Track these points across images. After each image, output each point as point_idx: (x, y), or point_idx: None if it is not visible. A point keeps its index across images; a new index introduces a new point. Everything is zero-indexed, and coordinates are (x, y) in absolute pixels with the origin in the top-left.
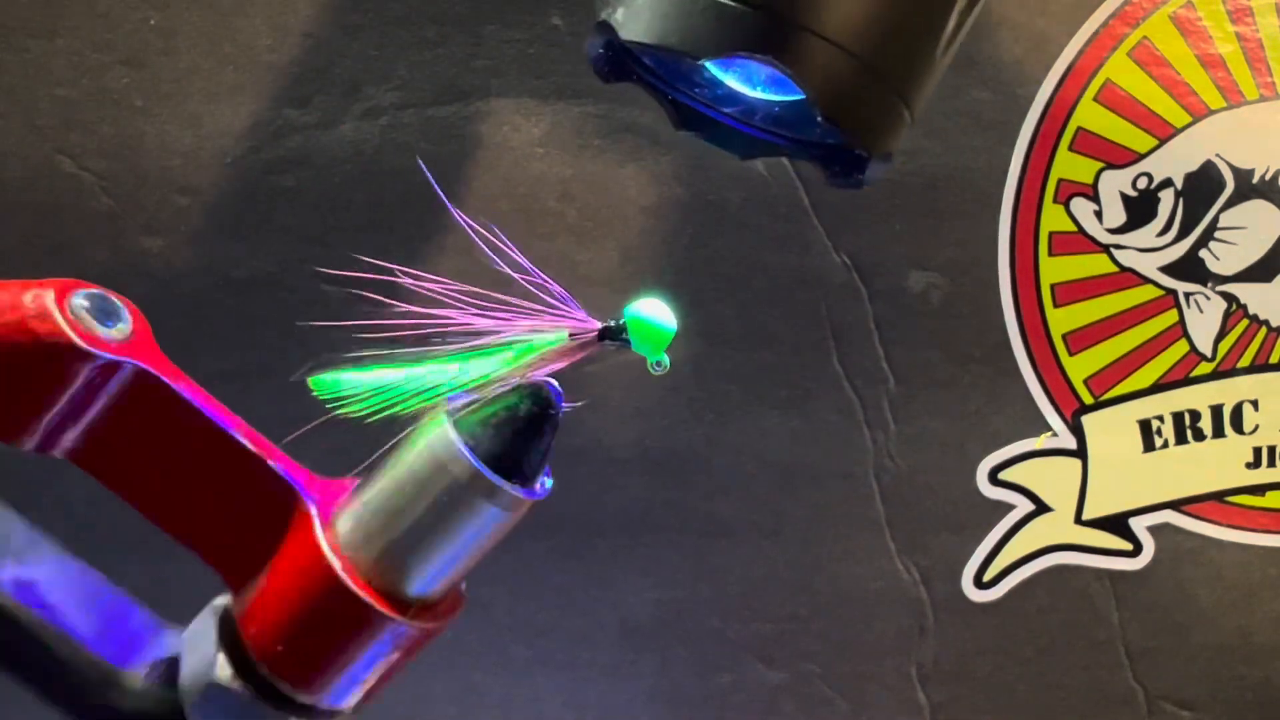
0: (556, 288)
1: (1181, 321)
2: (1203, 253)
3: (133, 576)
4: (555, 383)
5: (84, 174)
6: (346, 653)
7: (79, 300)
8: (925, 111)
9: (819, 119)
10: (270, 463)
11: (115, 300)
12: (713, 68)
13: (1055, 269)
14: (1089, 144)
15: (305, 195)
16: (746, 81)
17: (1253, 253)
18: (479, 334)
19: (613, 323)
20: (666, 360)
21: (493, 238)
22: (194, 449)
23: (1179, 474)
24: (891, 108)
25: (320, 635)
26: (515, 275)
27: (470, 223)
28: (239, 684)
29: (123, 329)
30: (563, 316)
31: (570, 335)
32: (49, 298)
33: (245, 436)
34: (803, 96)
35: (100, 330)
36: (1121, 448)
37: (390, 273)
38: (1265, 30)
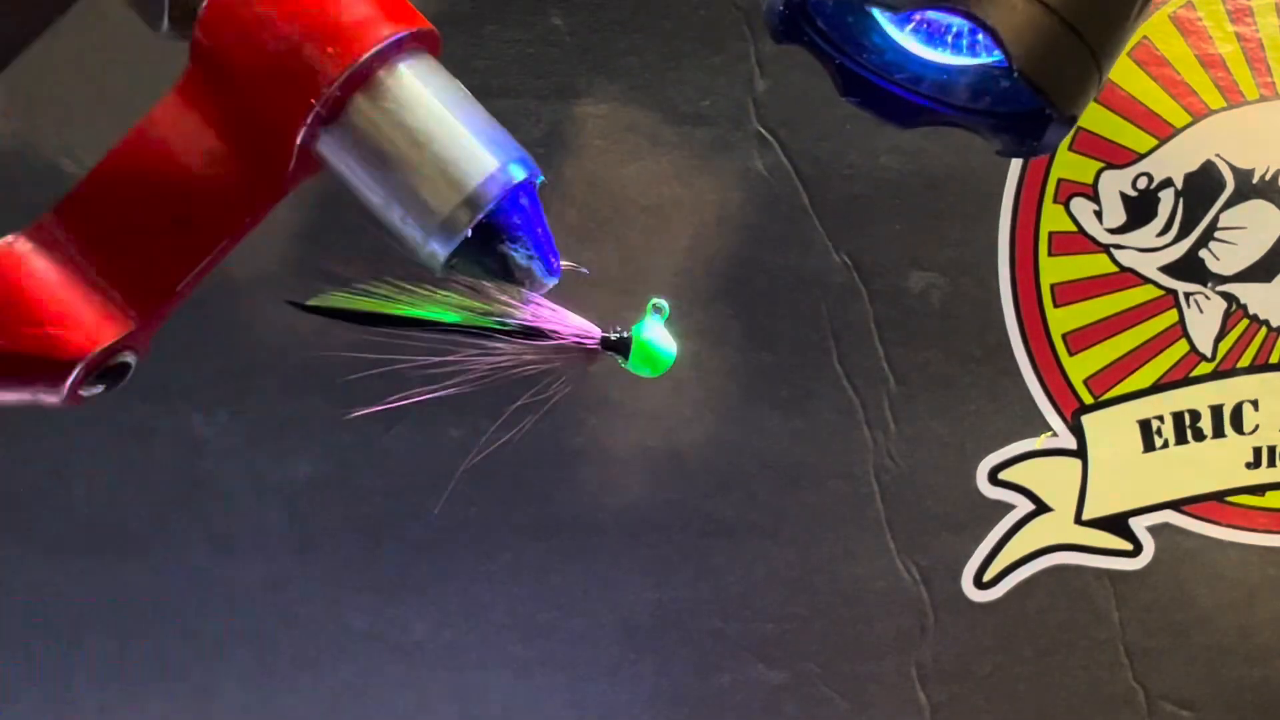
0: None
1: (1181, 321)
2: (1203, 253)
3: (133, 576)
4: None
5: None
6: None
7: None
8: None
9: (1015, 77)
10: None
11: None
12: (891, 28)
13: (1055, 269)
14: (1089, 144)
15: (306, 194)
16: (928, 42)
17: (1253, 253)
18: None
19: (614, 334)
20: (666, 309)
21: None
22: None
23: (1179, 474)
24: (1086, 68)
25: None
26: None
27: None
28: None
29: None
30: (565, 325)
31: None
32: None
33: None
34: (986, 60)
35: None
36: (1121, 448)
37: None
38: (1265, 30)
